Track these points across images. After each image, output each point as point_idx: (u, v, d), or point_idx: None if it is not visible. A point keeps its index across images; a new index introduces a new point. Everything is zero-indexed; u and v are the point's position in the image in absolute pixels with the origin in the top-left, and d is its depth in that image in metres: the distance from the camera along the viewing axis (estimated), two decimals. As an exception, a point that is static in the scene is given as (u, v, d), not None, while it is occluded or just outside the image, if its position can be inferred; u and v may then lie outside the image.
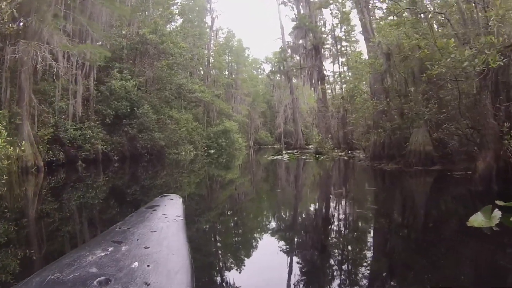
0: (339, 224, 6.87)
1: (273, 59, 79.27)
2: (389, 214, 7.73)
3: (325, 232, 6.27)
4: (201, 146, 42.04)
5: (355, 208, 8.43)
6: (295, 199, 10.51)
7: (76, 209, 8.36)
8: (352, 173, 16.90)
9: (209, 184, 15.13)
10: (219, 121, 49.46)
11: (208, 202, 10.07)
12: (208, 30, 54.70)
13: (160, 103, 30.49)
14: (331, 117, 38.56)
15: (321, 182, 14.03)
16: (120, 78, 27.07)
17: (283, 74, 46.66)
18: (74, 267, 2.26)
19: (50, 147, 21.74)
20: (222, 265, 4.26)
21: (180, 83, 31.72)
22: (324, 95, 42.24)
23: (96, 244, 2.80)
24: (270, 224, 7.18)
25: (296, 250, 5.16)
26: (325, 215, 7.94)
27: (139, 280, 2.16)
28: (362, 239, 5.77)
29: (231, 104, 58.57)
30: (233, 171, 20.70)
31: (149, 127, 28.04)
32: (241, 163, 27.58)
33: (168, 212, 4.01)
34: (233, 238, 5.91)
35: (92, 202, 9.35)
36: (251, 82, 68.47)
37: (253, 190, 12.61)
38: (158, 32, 30.95)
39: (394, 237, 5.87)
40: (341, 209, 8.48)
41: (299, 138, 46.30)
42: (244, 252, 4.97)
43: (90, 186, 13.13)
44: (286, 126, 74.91)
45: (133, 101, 27.87)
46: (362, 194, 10.56)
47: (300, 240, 5.81)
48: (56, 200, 9.83)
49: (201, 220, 7.01)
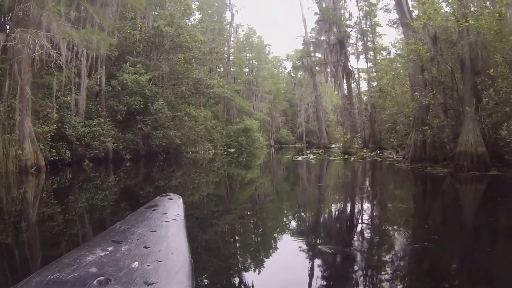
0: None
1: (294, 56, 76.86)
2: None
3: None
4: (221, 145, 40.21)
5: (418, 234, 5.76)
6: (329, 209, 8.08)
7: (78, 214, 7.48)
8: (398, 179, 13.98)
9: (229, 183, 14.22)
10: (240, 119, 47.29)
11: (227, 203, 9.39)
12: (228, 26, 52.34)
13: (176, 99, 28.19)
14: (358, 114, 35.79)
15: (369, 192, 10.88)
16: (133, 72, 24.92)
17: (307, 70, 43.79)
18: (74, 266, 2.23)
19: (56, 145, 19.78)
20: (223, 265, 4.21)
21: (198, 78, 29.36)
22: (350, 92, 39.49)
23: (96, 243, 2.76)
24: (285, 230, 6.38)
25: (308, 255, 4.71)
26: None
27: (139, 280, 2.10)
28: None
29: (252, 101, 56.13)
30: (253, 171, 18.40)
31: (164, 124, 25.79)
32: (262, 163, 25.30)
33: (168, 211, 3.90)
34: (247, 240, 5.66)
35: (95, 205, 8.30)
36: (272, 80, 65.93)
37: (279, 201, 10.04)
38: (175, 24, 28.74)
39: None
40: (406, 238, 5.68)
41: (323, 137, 43.25)
42: (255, 254, 4.82)
43: (96, 187, 11.90)
44: (308, 125, 72.82)
45: (147, 97, 25.71)
46: (422, 214, 7.87)
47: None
48: (56, 204, 8.71)
49: (218, 222, 6.75)
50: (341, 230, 6.33)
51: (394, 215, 7.20)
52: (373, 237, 5.71)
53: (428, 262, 4.41)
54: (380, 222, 6.71)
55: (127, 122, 25.52)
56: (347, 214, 7.62)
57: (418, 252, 4.74)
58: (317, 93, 45.84)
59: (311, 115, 75.58)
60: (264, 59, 63.82)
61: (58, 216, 7.14)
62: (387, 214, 7.32)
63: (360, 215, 7.38)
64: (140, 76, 24.80)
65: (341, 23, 41.19)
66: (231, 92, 40.10)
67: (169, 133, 25.80)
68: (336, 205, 8.90)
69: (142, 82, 24.86)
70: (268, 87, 61.73)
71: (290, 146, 65.20)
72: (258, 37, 62.42)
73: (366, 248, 5.06)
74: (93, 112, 23.31)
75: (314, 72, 43.90)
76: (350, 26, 41.85)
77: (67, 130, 20.34)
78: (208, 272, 3.91)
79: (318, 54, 45.31)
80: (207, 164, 23.12)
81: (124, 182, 14.12)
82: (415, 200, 9.17)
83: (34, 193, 11.03)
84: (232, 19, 51.84)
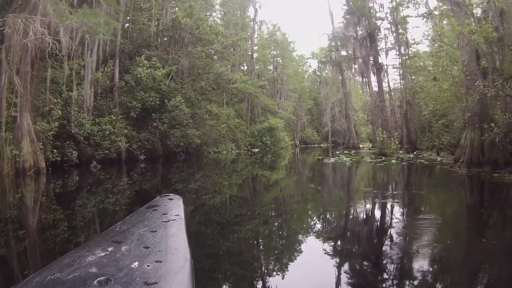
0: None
1: (320, 54, 73.79)
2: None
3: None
4: (244, 145, 37.91)
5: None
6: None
7: (77, 226, 6.31)
8: (469, 193, 10.15)
9: (253, 185, 13.01)
10: (264, 118, 44.79)
11: (251, 205, 8.71)
12: (251, 23, 49.70)
13: (195, 96, 25.67)
14: (390, 112, 32.63)
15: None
16: (148, 66, 22.57)
17: (335, 65, 40.47)
18: (74, 267, 2.20)
19: (62, 145, 17.66)
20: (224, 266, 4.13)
21: (219, 72, 26.78)
22: (381, 88, 36.37)
23: (96, 244, 2.71)
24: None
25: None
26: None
27: (139, 280, 2.05)
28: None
29: (277, 100, 53.37)
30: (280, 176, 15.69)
31: (182, 122, 23.33)
32: (287, 164, 22.63)
33: (168, 212, 3.78)
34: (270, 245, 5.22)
35: (96, 215, 7.19)
36: (297, 78, 63.00)
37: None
38: (194, 16, 26.33)
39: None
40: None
41: (352, 136, 39.77)
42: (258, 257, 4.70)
43: (103, 192, 10.51)
44: (334, 124, 70.10)
45: (163, 93, 23.35)
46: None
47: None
48: (52, 211, 7.69)
49: (240, 228, 6.11)
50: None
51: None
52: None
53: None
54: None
55: (142, 120, 23.25)
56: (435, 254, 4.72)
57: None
58: (346, 90, 42.34)
59: (336, 114, 72.85)
60: (289, 56, 60.84)
61: (51, 226, 6.23)
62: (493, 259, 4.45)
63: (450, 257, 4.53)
64: (156, 70, 22.43)
65: (370, 15, 38.06)
66: (255, 89, 37.36)
67: (187, 132, 23.31)
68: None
69: (158, 77, 22.49)
70: (293, 85, 58.91)
71: (315, 146, 62.42)
72: (282, 34, 59.50)
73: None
74: (104, 109, 21.11)
75: (343, 67, 40.63)
76: (380, 19, 38.60)
77: (74, 129, 18.15)
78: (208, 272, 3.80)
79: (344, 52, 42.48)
80: (230, 165, 21.49)
81: (133, 187, 11.96)
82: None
83: (31, 198, 9.87)
84: (255, 15, 49.22)
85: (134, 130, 22.35)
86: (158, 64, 23.02)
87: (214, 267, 4.05)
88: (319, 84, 75.01)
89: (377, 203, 8.05)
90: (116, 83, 22.46)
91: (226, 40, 28.89)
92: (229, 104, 40.97)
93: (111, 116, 20.49)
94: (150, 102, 22.08)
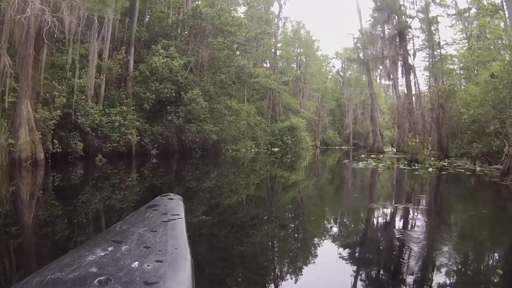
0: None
1: (344, 54, 71.40)
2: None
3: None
4: (264, 143, 36.12)
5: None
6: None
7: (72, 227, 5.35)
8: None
9: (271, 185, 11.96)
10: (285, 117, 42.94)
11: (269, 206, 7.78)
12: (275, 19, 47.76)
13: (215, 89, 23.86)
14: (421, 116, 30.21)
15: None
16: (165, 55, 20.90)
17: (362, 64, 37.96)
18: (74, 266, 2.12)
19: (67, 136, 16.15)
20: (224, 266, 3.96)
21: (240, 65, 24.96)
22: (410, 90, 33.98)
23: (96, 243, 2.60)
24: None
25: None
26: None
27: (139, 280, 1.98)
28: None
29: (299, 99, 51.29)
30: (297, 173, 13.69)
31: (198, 117, 21.56)
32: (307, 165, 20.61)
33: (168, 211, 3.58)
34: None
35: (91, 216, 5.99)
36: (320, 77, 60.81)
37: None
38: (216, 6, 24.58)
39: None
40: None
41: (377, 139, 37.16)
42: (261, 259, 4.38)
43: (104, 189, 9.01)
44: (356, 126, 67.91)
45: (180, 85, 21.66)
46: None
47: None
48: (43, 210, 6.56)
49: (252, 232, 5.42)
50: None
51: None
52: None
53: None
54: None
55: (156, 113, 21.61)
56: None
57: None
58: (372, 90, 39.76)
59: (359, 116, 70.76)
60: (313, 55, 58.64)
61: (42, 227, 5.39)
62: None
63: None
64: (173, 61, 20.75)
65: (401, 12, 35.71)
66: (278, 84, 35.31)
67: (204, 127, 21.53)
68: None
69: (175, 67, 20.79)
70: (316, 84, 56.75)
71: (336, 147, 60.56)
72: (307, 31, 57.38)
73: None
74: (115, 99, 19.53)
75: (370, 67, 38.20)
76: (411, 17, 36.13)
77: (80, 118, 16.59)
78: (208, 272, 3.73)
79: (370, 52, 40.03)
80: (248, 164, 20.05)
81: (140, 185, 10.22)
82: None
83: (27, 192, 8.66)
84: (280, 10, 47.32)
85: (148, 123, 20.74)
86: (175, 54, 21.33)
87: (215, 267, 3.92)
88: (342, 85, 72.88)
89: (437, 229, 5.94)
90: (130, 73, 20.87)
91: (249, 33, 26.98)
92: (250, 101, 39.27)
93: (122, 107, 18.88)
94: (165, 94, 20.40)
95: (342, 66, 72.57)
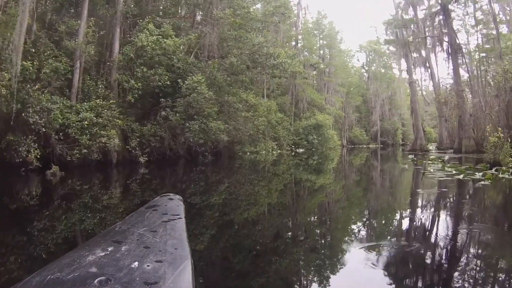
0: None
1: (368, 48, 65.09)
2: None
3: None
4: (287, 144, 30.75)
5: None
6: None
7: None
8: None
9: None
10: (310, 114, 37.17)
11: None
12: (295, 8, 41.75)
13: (223, 76, 18.24)
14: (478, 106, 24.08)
15: None
16: (157, 33, 15.52)
17: (400, 46, 31.38)
18: (74, 266, 2.08)
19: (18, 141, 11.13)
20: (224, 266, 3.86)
21: (255, 44, 18.86)
22: (458, 75, 27.80)
23: (96, 243, 2.55)
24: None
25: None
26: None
27: (139, 280, 1.94)
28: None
29: (324, 94, 45.31)
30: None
31: (202, 111, 16.04)
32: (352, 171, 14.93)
33: (168, 211, 3.50)
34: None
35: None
36: (345, 70, 54.88)
37: None
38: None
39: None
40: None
41: (420, 136, 30.13)
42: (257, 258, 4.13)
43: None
44: (383, 123, 62.12)
45: (177, 71, 16.32)
46: None
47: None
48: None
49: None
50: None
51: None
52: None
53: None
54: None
55: (149, 108, 16.30)
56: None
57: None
58: (413, 78, 32.99)
59: (386, 112, 64.87)
60: (337, 47, 52.53)
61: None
62: None
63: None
64: (167, 39, 15.37)
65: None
66: (304, 70, 29.14)
67: (209, 124, 15.92)
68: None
69: (170, 48, 15.39)
70: (341, 79, 50.76)
71: (363, 146, 55.11)
72: (330, 22, 51.21)
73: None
74: (91, 91, 14.27)
75: (409, 50, 31.57)
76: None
77: (32, 116, 11.43)
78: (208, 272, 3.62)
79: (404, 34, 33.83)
80: (270, 168, 16.59)
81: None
82: None
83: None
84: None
85: (137, 121, 15.45)
86: (170, 32, 15.89)
87: (215, 267, 3.79)
88: (367, 79, 66.63)
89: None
90: (115, 58, 15.64)
91: (267, 7, 21.04)
92: (271, 96, 33.76)
93: (98, 101, 13.58)
94: (156, 82, 14.92)
95: (367, 59, 66.36)
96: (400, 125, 64.37)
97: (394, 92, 66.24)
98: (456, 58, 28.17)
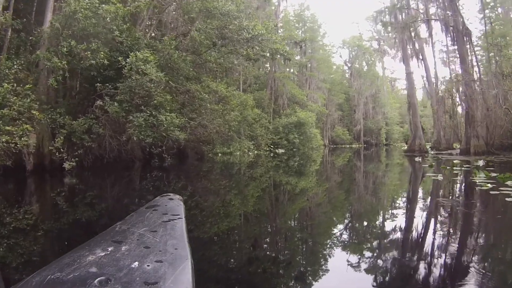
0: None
1: (351, 43, 62.22)
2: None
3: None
4: (265, 144, 27.35)
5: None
6: None
7: None
8: None
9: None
10: (291, 111, 33.68)
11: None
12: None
13: (181, 55, 14.18)
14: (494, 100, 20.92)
15: None
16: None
17: (399, 30, 27.50)
18: (74, 266, 2.06)
19: None
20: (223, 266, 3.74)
21: (223, 13, 14.44)
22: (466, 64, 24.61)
23: (96, 243, 2.51)
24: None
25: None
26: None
27: (139, 280, 1.92)
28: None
29: (305, 90, 41.86)
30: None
31: (150, 100, 12.13)
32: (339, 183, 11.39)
33: (168, 211, 3.44)
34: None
35: None
36: (327, 65, 51.85)
37: None
38: None
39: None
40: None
41: (419, 135, 26.33)
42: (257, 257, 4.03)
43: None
44: (366, 122, 60.17)
45: (121, 47, 12.45)
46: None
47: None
48: None
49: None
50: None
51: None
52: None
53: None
54: None
55: (81, 97, 12.35)
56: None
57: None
58: (409, 69, 29.37)
59: (370, 111, 62.64)
60: (319, 40, 49.26)
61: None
62: None
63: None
64: (104, 4, 11.47)
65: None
66: (288, 51, 25.04)
67: (159, 118, 11.99)
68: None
69: (109, 16, 11.48)
70: (323, 74, 47.52)
71: (346, 146, 52.20)
72: (312, 15, 47.89)
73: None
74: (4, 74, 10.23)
75: (409, 35, 27.84)
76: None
77: None
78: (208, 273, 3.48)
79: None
80: (246, 171, 14.47)
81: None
82: None
83: None
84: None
85: (70, 114, 11.52)
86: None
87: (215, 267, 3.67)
88: (350, 77, 63.73)
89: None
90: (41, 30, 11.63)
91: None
92: (247, 91, 30.10)
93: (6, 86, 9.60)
94: (89, 60, 11.00)
95: (350, 55, 63.44)
96: (384, 124, 61.90)
97: (378, 90, 63.83)
98: (464, 44, 24.93)
